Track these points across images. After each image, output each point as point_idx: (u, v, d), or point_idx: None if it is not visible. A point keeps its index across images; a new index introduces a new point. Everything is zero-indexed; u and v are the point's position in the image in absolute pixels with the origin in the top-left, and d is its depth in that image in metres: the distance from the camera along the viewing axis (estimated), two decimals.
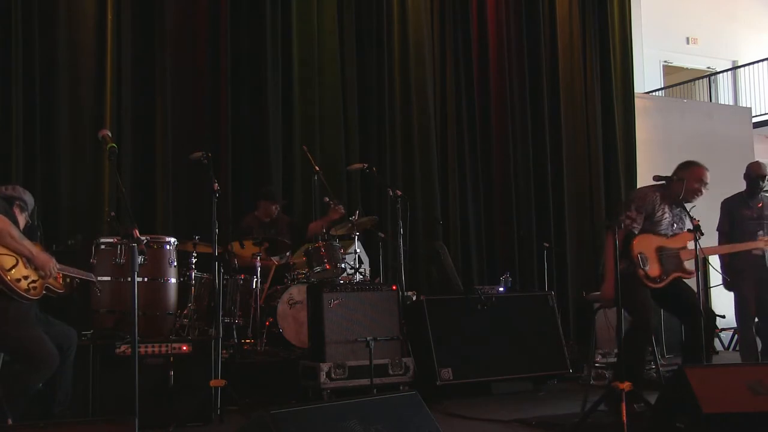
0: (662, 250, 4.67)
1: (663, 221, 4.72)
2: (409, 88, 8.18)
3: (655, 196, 4.75)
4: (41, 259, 3.77)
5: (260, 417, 2.61)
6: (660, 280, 4.64)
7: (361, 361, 5.17)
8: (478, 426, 4.58)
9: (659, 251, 4.67)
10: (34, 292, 3.76)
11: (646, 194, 4.79)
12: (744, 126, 10.74)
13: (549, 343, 5.90)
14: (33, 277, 3.76)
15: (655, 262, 4.64)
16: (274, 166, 7.31)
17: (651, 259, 4.63)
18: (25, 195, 4.18)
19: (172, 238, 5.39)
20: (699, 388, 3.27)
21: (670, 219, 4.76)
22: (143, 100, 6.94)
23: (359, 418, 2.73)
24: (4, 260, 3.63)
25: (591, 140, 9.18)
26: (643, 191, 4.89)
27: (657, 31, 12.57)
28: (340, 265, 6.06)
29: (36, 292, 3.77)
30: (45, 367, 3.72)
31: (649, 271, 4.61)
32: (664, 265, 4.65)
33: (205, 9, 7.29)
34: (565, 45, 9.12)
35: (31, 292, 3.73)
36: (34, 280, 3.77)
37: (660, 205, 4.73)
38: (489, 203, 8.59)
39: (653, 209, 4.71)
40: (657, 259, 4.65)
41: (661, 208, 4.73)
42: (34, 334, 3.73)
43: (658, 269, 4.65)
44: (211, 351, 4.63)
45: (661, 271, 4.65)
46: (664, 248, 4.68)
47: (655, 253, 4.66)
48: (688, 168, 4.82)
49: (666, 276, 4.65)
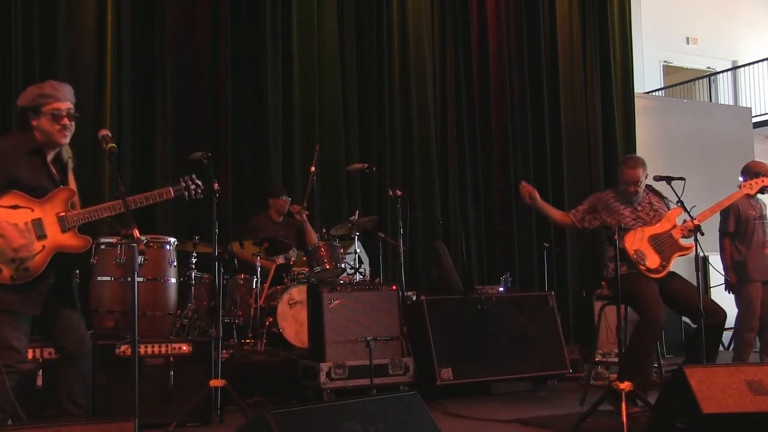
0: (655, 238, 4.75)
1: (622, 209, 4.88)
2: (409, 88, 8.18)
3: (608, 195, 5.02)
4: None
5: (260, 417, 2.60)
6: (663, 267, 4.71)
7: (361, 361, 5.18)
8: (478, 426, 4.58)
9: (652, 240, 4.74)
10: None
11: (598, 194, 5.13)
12: (744, 126, 10.74)
13: (549, 343, 5.90)
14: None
15: (652, 253, 4.71)
16: (274, 166, 7.32)
17: (647, 251, 4.69)
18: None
19: (172, 238, 5.39)
20: (699, 388, 3.27)
21: (631, 209, 4.88)
22: (143, 99, 6.94)
23: (359, 418, 2.73)
24: None
25: (591, 140, 9.18)
26: (597, 193, 5.21)
27: (657, 31, 12.56)
28: (340, 265, 6.06)
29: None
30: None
31: (650, 264, 4.64)
32: (661, 252, 4.72)
33: (205, 9, 7.30)
34: (565, 45, 9.12)
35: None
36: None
37: (616, 198, 4.94)
38: (489, 203, 8.59)
39: (605, 203, 4.94)
40: (653, 249, 4.71)
41: (616, 200, 4.92)
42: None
43: (657, 259, 4.71)
44: (211, 351, 4.63)
45: (660, 259, 4.72)
46: (657, 235, 4.76)
47: (649, 243, 4.73)
48: (619, 167, 5.03)
49: (667, 262, 4.72)
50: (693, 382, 3.28)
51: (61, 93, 3.50)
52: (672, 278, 4.82)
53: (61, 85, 3.55)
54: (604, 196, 5.03)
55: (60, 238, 3.45)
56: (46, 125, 3.46)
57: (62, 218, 3.46)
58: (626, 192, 4.91)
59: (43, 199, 3.45)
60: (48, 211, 3.45)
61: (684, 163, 8.72)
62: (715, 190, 6.17)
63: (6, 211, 3.38)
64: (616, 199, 4.93)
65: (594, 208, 4.94)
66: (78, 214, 3.49)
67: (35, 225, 3.41)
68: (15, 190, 3.40)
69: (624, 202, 4.91)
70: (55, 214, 3.46)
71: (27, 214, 3.41)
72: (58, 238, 3.44)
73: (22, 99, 3.51)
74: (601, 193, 5.09)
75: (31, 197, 3.43)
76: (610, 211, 4.88)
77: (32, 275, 3.38)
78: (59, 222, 3.45)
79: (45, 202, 3.46)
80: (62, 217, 3.46)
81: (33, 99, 3.49)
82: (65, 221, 3.46)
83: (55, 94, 3.49)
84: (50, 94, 3.48)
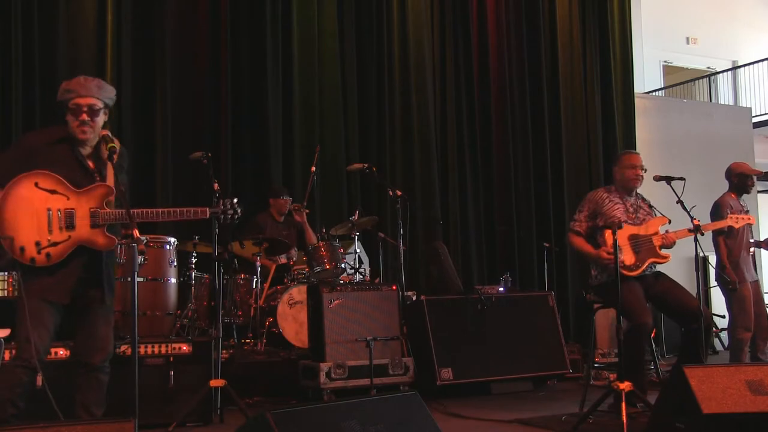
0: (635, 238, 4.78)
1: (614, 210, 4.84)
2: (409, 88, 8.18)
3: (600, 193, 4.98)
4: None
5: (260, 417, 2.60)
6: (636, 267, 4.73)
7: (361, 361, 5.18)
8: (478, 426, 4.58)
9: (632, 239, 4.77)
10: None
11: (590, 195, 5.05)
12: (744, 126, 10.75)
13: (549, 343, 5.90)
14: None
15: (629, 250, 4.74)
16: (274, 166, 7.31)
17: (624, 248, 4.72)
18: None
19: (172, 238, 5.39)
20: (699, 388, 3.26)
21: (623, 207, 4.87)
22: (143, 99, 6.94)
23: (359, 418, 2.73)
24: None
25: (591, 140, 9.19)
26: (589, 193, 5.13)
27: (657, 31, 12.58)
28: (340, 265, 6.06)
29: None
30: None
31: (624, 260, 4.65)
32: (637, 252, 4.75)
33: (205, 9, 7.30)
34: (565, 45, 9.12)
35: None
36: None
37: (608, 197, 4.90)
38: (489, 203, 8.59)
39: (598, 204, 4.89)
40: (630, 248, 4.75)
41: (610, 200, 4.88)
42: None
43: (632, 257, 4.74)
44: (211, 351, 4.63)
45: (636, 259, 4.74)
46: (637, 236, 4.79)
47: (628, 241, 4.75)
48: (617, 160, 5.07)
49: (641, 263, 4.74)
50: (693, 382, 3.28)
51: (84, 89, 3.50)
52: (659, 279, 4.84)
53: (89, 81, 3.55)
54: (596, 196, 4.97)
55: (87, 233, 3.45)
56: (69, 119, 3.49)
57: (95, 214, 3.46)
58: (630, 181, 4.90)
59: (81, 191, 3.46)
60: (83, 204, 3.46)
61: (684, 163, 8.74)
62: (715, 190, 6.18)
63: (43, 194, 3.40)
64: (609, 198, 4.91)
65: (593, 214, 4.91)
66: (111, 213, 3.48)
67: (67, 215, 3.42)
68: (54, 174, 3.42)
69: (617, 200, 4.88)
70: (89, 208, 3.46)
71: (62, 201, 3.43)
72: (85, 233, 3.45)
73: (58, 94, 3.55)
74: (593, 193, 5.04)
75: (69, 185, 3.45)
76: (603, 215, 4.85)
77: (53, 261, 3.39)
78: (91, 217, 3.45)
79: (82, 194, 3.46)
80: (95, 214, 3.45)
81: (61, 94, 3.53)
82: (97, 218, 3.46)
83: (78, 89, 3.49)
84: (73, 89, 3.49)
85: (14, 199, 3.38)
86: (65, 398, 3.47)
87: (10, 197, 3.38)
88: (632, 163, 4.94)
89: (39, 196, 3.40)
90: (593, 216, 4.90)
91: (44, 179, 3.41)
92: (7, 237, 3.35)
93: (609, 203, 4.87)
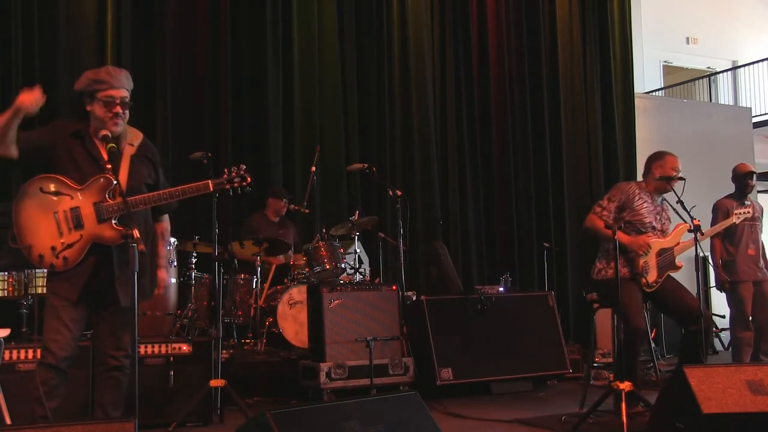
0: (662, 253, 4.69)
1: (643, 209, 4.74)
2: (409, 88, 8.18)
3: (633, 187, 4.84)
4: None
5: (260, 417, 2.60)
6: (655, 284, 4.67)
7: (361, 361, 5.18)
8: (478, 426, 4.58)
9: (660, 254, 4.68)
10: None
11: (623, 186, 4.90)
12: (744, 126, 10.74)
13: (549, 343, 5.90)
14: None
15: (654, 268, 4.67)
16: (274, 166, 7.31)
17: (652, 266, 4.65)
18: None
19: (172, 238, 5.39)
20: (699, 388, 3.26)
21: (651, 207, 4.77)
22: (143, 100, 6.92)
23: (359, 418, 2.73)
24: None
25: (591, 140, 9.19)
26: (621, 184, 4.98)
27: (657, 31, 12.58)
28: (340, 265, 6.06)
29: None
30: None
31: (650, 278, 4.62)
32: (660, 268, 4.68)
33: (205, 9, 7.30)
34: (565, 45, 9.12)
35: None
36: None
37: (639, 194, 4.77)
38: (489, 203, 8.59)
39: (629, 198, 4.75)
40: (656, 265, 4.67)
41: (640, 197, 4.76)
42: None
43: (655, 275, 4.67)
44: (211, 351, 4.64)
45: (657, 276, 4.68)
46: (665, 251, 4.70)
47: (656, 256, 4.67)
48: (660, 157, 4.87)
49: (660, 278, 4.68)
50: (693, 382, 3.28)
51: (116, 80, 3.47)
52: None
53: (118, 72, 3.52)
54: (629, 188, 4.81)
55: (97, 229, 3.38)
56: (98, 111, 3.44)
57: (99, 208, 3.39)
58: (670, 182, 4.75)
59: (83, 187, 3.40)
60: (86, 199, 3.40)
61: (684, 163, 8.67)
62: (715, 190, 6.19)
63: (49, 198, 3.37)
64: (640, 195, 4.77)
65: (623, 206, 4.76)
66: (114, 204, 3.39)
67: (73, 214, 3.37)
68: (55, 174, 3.39)
69: (646, 199, 4.77)
70: (92, 203, 3.40)
71: (67, 201, 3.38)
72: (95, 229, 3.38)
73: (79, 83, 3.49)
74: (626, 184, 4.88)
75: (71, 182, 3.40)
76: (632, 211, 4.74)
77: (71, 265, 3.34)
78: (96, 211, 3.39)
79: (84, 189, 3.40)
80: (99, 207, 3.39)
81: (88, 84, 3.47)
82: (102, 211, 3.38)
83: (110, 80, 3.46)
84: (105, 80, 3.45)
85: (26, 208, 3.36)
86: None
87: (22, 206, 3.36)
88: (675, 167, 4.81)
89: (45, 201, 3.36)
90: (622, 209, 4.76)
91: (46, 183, 3.39)
92: (26, 246, 3.34)
93: (639, 200, 4.75)
